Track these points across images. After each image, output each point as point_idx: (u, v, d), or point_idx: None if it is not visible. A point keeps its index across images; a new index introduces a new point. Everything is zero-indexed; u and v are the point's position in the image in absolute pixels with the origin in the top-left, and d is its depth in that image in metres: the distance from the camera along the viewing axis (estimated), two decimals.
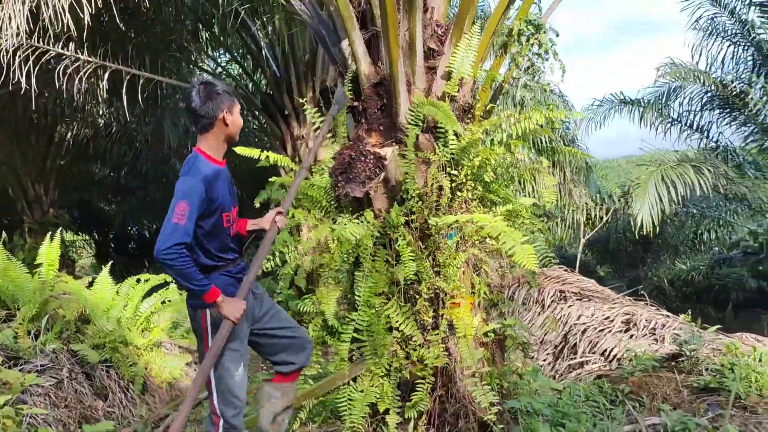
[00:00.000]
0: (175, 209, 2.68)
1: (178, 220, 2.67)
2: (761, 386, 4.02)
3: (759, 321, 11.98)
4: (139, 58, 8.09)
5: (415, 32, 3.98)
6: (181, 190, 2.74)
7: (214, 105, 2.89)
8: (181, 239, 2.67)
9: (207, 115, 2.89)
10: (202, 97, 2.88)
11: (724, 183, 10.07)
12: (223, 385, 2.93)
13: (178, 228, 2.67)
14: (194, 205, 2.72)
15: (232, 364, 2.95)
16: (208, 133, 2.94)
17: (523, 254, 3.24)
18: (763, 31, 11.28)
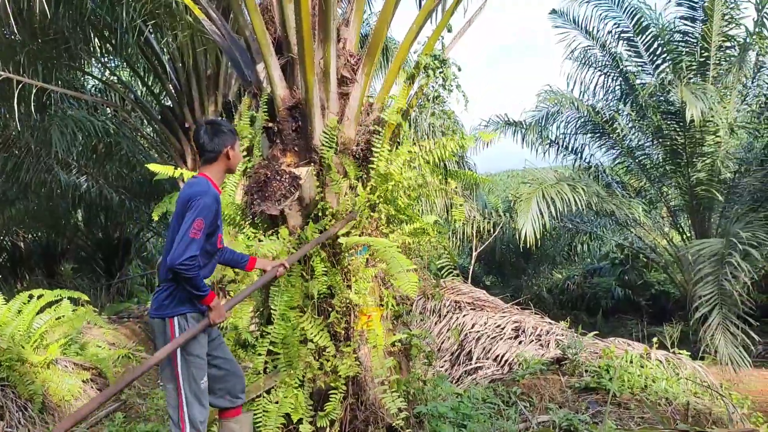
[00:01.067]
0: (193, 225, 2.96)
1: (194, 235, 2.96)
2: (633, 385, 4.57)
3: (625, 326, 13.13)
4: (31, 66, 7.80)
5: (329, 61, 4.22)
6: (200, 208, 2.99)
7: (220, 141, 3.24)
8: (195, 252, 2.96)
9: (213, 150, 3.24)
10: (210, 134, 3.24)
11: (596, 200, 10.98)
12: (192, 391, 3.12)
13: (195, 242, 2.96)
14: (207, 223, 3.00)
15: (197, 371, 3.16)
16: (212, 165, 3.27)
17: (405, 281, 3.56)
18: (630, 63, 12.43)
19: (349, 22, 4.51)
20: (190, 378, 3.14)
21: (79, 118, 10.60)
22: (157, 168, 4.55)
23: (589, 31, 12.63)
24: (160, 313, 3.16)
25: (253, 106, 4.59)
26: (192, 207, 3.00)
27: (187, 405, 3.12)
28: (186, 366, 3.14)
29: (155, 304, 3.20)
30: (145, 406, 5.71)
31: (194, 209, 2.99)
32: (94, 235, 15.98)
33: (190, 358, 3.14)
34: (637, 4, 11.71)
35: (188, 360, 3.14)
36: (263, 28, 4.15)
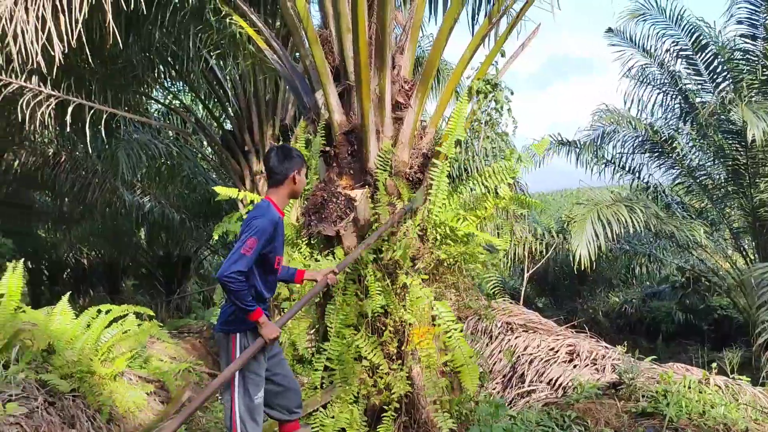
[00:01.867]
0: (247, 242, 3.11)
1: (245, 252, 3.10)
2: (691, 410, 4.49)
3: (686, 352, 12.73)
4: (101, 93, 8.23)
5: (384, 87, 4.37)
6: (254, 228, 3.15)
7: (288, 165, 3.40)
8: (243, 268, 3.09)
9: (282, 173, 3.39)
10: (279, 158, 3.41)
11: (655, 221, 10.76)
12: (245, 406, 3.26)
13: (244, 258, 3.09)
14: (261, 243, 3.15)
15: (253, 387, 3.29)
16: (278, 188, 3.42)
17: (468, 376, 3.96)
18: (689, 81, 12.20)
19: (403, 49, 4.65)
20: (245, 394, 3.28)
21: (144, 141, 11.08)
22: (221, 190, 4.77)
23: (646, 49, 12.46)
24: (224, 328, 3.34)
25: (310, 130, 4.77)
26: (249, 227, 3.17)
27: (240, 420, 3.25)
28: (242, 382, 3.27)
29: (221, 318, 3.38)
30: (206, 418, 5.91)
31: (251, 229, 3.16)
32: (155, 253, 16.55)
33: (247, 374, 3.28)
34: (696, 22, 11.52)
35: (245, 376, 3.28)
36: (323, 58, 4.34)
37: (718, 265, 12.59)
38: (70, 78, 7.56)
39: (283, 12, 4.82)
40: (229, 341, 3.31)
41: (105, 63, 8.22)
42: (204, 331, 9.40)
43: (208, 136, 10.14)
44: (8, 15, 5.50)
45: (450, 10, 4.70)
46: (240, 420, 3.26)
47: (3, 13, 5.56)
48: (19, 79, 7.16)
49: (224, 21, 5.62)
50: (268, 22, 7.21)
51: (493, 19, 4.90)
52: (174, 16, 6.99)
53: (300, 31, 4.61)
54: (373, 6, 4.40)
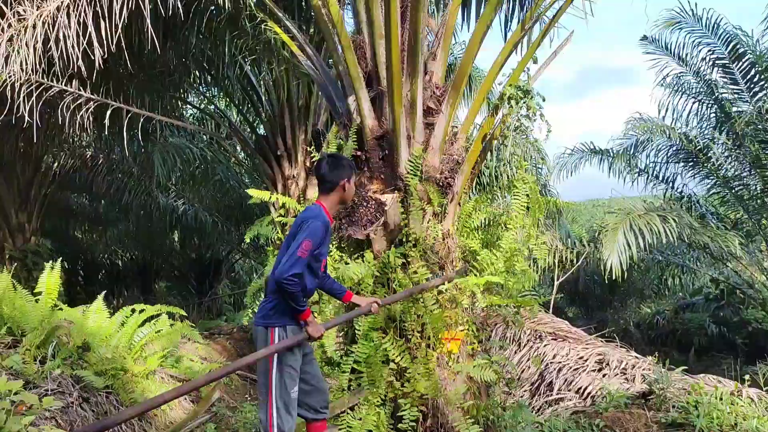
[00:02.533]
0: (302, 245, 3.21)
1: (301, 254, 3.20)
2: (722, 422, 4.42)
3: (719, 365, 12.46)
4: (139, 97, 8.43)
5: (416, 93, 4.41)
6: (310, 231, 3.25)
7: (338, 173, 3.48)
8: (299, 270, 3.20)
9: (332, 181, 3.47)
10: (330, 166, 3.49)
11: (688, 232, 10.60)
12: (282, 399, 3.33)
13: (300, 261, 3.20)
14: (315, 245, 3.25)
15: (290, 380, 3.37)
16: (329, 195, 3.50)
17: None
18: (725, 90, 12.01)
19: (435, 56, 4.69)
20: (282, 386, 3.35)
21: (179, 145, 11.31)
22: (254, 193, 4.85)
23: (681, 58, 12.29)
24: (264, 322, 3.42)
25: (342, 135, 4.83)
26: (303, 229, 3.27)
27: (276, 412, 3.32)
28: (280, 375, 3.35)
29: (261, 313, 3.46)
30: (235, 419, 5.98)
31: (305, 231, 3.25)
32: (188, 255, 16.81)
33: (284, 368, 3.36)
34: (733, 30, 11.34)
35: (283, 369, 3.36)
36: (355, 64, 4.40)
37: (754, 278, 12.33)
38: (109, 82, 7.75)
39: (317, 18, 4.89)
40: (268, 335, 3.39)
41: (143, 68, 8.41)
42: (234, 333, 9.52)
43: (241, 140, 10.29)
44: (51, 20, 5.66)
45: (483, 17, 4.73)
46: (276, 412, 3.33)
47: (46, 18, 5.73)
48: (59, 82, 7.36)
49: (259, 27, 5.71)
50: (302, 28, 7.31)
51: (526, 26, 4.91)
52: (210, 22, 7.13)
53: (333, 37, 4.68)
54: (406, 12, 4.45)
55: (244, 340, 9.15)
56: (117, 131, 8.64)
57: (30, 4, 5.75)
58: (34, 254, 11.81)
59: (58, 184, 12.85)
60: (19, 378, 4.68)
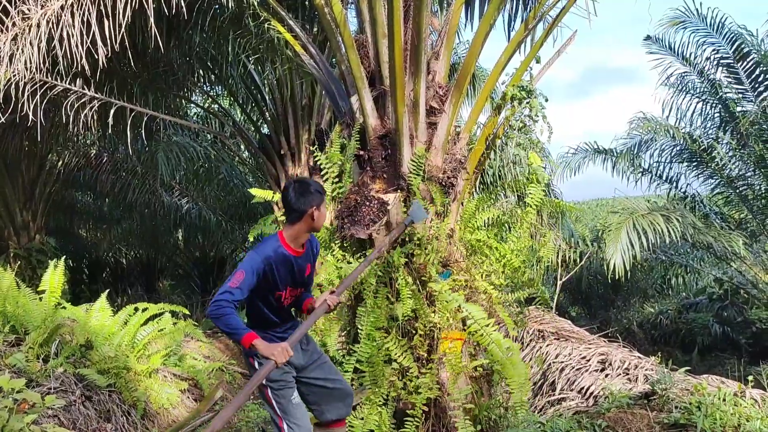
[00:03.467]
0: (234, 275, 3.10)
1: (232, 284, 3.08)
2: (725, 423, 4.41)
3: (723, 365, 12.44)
4: (143, 96, 8.45)
5: (419, 93, 4.41)
6: (245, 261, 3.15)
7: (306, 201, 3.24)
8: (226, 297, 3.04)
9: (298, 210, 3.24)
10: (297, 193, 3.26)
11: (692, 232, 10.58)
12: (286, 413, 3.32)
13: (230, 290, 3.06)
14: (248, 277, 3.10)
15: (285, 391, 3.34)
16: (295, 224, 3.28)
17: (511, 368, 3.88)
18: (730, 90, 11.97)
19: (438, 55, 4.68)
20: (281, 400, 3.33)
21: (183, 143, 11.32)
22: (257, 192, 4.86)
23: (685, 57, 12.26)
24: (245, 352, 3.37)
25: (345, 134, 4.83)
26: (243, 260, 3.19)
27: (286, 425, 3.31)
28: (273, 391, 3.33)
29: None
30: (237, 417, 6.00)
31: (243, 262, 3.17)
32: (192, 254, 16.82)
33: (272, 384, 3.32)
34: (738, 30, 11.30)
35: (272, 386, 3.32)
36: (358, 63, 4.39)
37: (758, 278, 12.29)
38: (113, 81, 7.78)
39: (321, 17, 4.89)
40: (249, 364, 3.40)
41: (146, 67, 8.44)
42: None
43: (245, 139, 10.31)
44: (55, 19, 5.67)
45: (486, 16, 4.73)
46: (286, 425, 3.32)
47: (50, 17, 5.74)
48: (64, 81, 7.38)
49: (263, 26, 5.72)
50: (306, 28, 7.32)
51: (529, 25, 4.90)
52: (214, 21, 7.14)
53: (336, 36, 4.68)
54: (409, 12, 4.45)
55: None
56: (121, 130, 8.66)
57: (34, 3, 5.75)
58: (38, 252, 11.85)
59: (62, 182, 12.90)
60: (22, 376, 4.71)
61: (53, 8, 5.74)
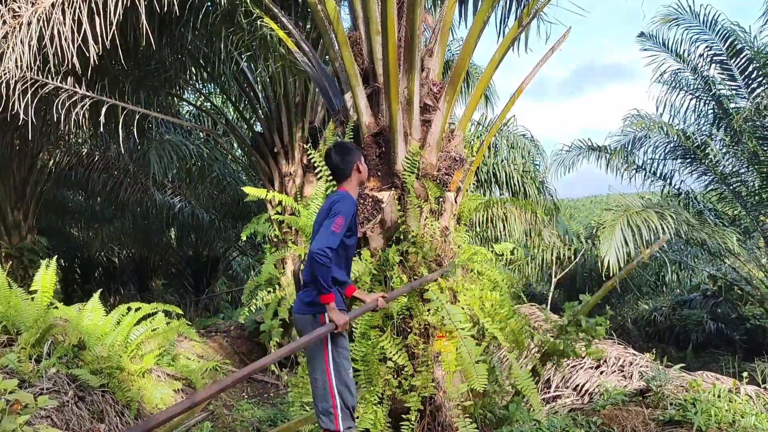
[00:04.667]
0: (336, 220, 3.29)
1: (335, 229, 3.28)
2: (720, 419, 4.41)
3: (717, 362, 12.48)
4: (134, 94, 8.38)
5: (413, 90, 4.38)
6: (341, 209, 3.36)
7: (350, 158, 3.58)
8: (334, 244, 3.25)
9: (347, 167, 3.57)
10: (340, 155, 3.59)
11: (686, 228, 10.59)
12: (341, 379, 3.37)
13: (335, 235, 3.27)
14: (347, 221, 3.32)
15: (346, 361, 3.42)
16: (347, 181, 3.59)
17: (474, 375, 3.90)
18: (723, 87, 11.99)
19: (432, 52, 4.65)
20: (340, 368, 3.38)
21: (175, 142, 11.25)
22: (250, 190, 4.82)
23: (679, 54, 12.26)
24: (311, 309, 3.42)
25: (338, 132, 4.80)
26: (335, 208, 3.34)
27: (338, 393, 3.36)
28: (336, 357, 3.38)
29: (305, 301, 3.45)
30: (232, 417, 5.97)
31: (337, 209, 3.33)
32: (185, 253, 16.76)
33: (339, 350, 3.40)
34: (731, 26, 11.32)
35: (339, 352, 3.40)
36: (352, 60, 4.36)
37: (752, 274, 12.32)
38: (104, 79, 7.72)
39: (314, 14, 4.86)
40: (318, 321, 3.40)
41: (138, 64, 8.37)
42: (231, 331, 9.50)
43: (238, 137, 10.25)
44: (46, 17, 5.62)
45: (479, 13, 4.70)
46: (338, 393, 3.36)
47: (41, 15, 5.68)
48: (54, 80, 7.31)
49: (255, 23, 5.68)
50: (299, 25, 7.28)
51: (522, 23, 4.89)
52: (206, 18, 7.08)
53: (330, 34, 4.65)
54: (402, 8, 4.42)
55: (241, 338, 9.12)
56: (113, 128, 8.60)
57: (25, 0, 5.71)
58: (30, 252, 11.76)
59: (53, 181, 12.80)
60: (14, 377, 4.66)
61: (44, 6, 5.68)
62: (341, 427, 3.34)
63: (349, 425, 3.39)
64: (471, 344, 4.07)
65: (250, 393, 7.49)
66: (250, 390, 7.61)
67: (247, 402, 6.90)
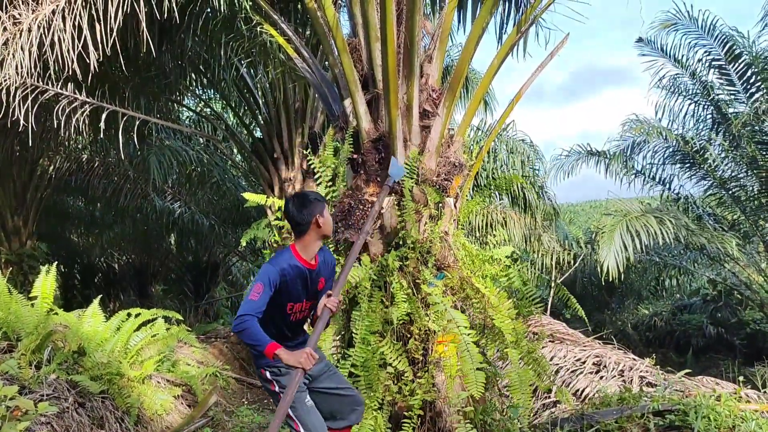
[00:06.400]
0: (253, 288, 3.18)
1: (252, 297, 3.16)
2: (719, 425, 4.41)
3: (717, 366, 12.48)
4: (135, 100, 8.41)
5: (412, 95, 4.39)
6: (261, 273, 3.24)
7: (308, 212, 3.33)
8: (249, 311, 3.13)
9: (303, 222, 3.33)
10: (297, 207, 3.35)
11: (685, 233, 10.60)
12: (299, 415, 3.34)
13: (251, 303, 3.14)
14: (266, 288, 3.18)
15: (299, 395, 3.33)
16: (304, 236, 3.36)
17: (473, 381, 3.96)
18: (722, 92, 12.02)
19: (432, 58, 4.67)
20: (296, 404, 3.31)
21: (175, 147, 11.29)
22: (250, 196, 4.83)
23: (677, 59, 12.30)
24: (257, 364, 3.46)
25: (338, 137, 4.81)
26: (259, 273, 3.26)
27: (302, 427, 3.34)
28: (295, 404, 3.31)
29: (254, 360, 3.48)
30: (231, 423, 5.97)
31: (258, 274, 3.25)
32: (185, 258, 16.76)
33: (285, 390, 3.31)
34: (729, 31, 11.36)
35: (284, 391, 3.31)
36: (351, 66, 4.38)
37: (751, 279, 12.33)
38: (105, 85, 7.73)
39: (313, 21, 4.88)
40: (262, 376, 3.43)
41: (138, 71, 8.40)
42: (231, 337, 9.50)
43: (238, 143, 10.29)
44: (46, 23, 5.62)
45: (478, 19, 4.72)
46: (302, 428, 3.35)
47: (41, 21, 5.69)
48: (55, 86, 7.31)
49: (255, 30, 5.70)
50: (298, 31, 7.29)
51: (521, 29, 4.90)
52: (206, 24, 7.12)
53: (329, 40, 4.67)
54: (402, 15, 4.43)
55: (241, 344, 9.12)
56: (113, 134, 8.62)
57: (26, 7, 5.71)
58: (29, 258, 11.77)
59: (54, 187, 12.82)
60: (14, 383, 4.66)
61: (45, 12, 5.69)
62: None
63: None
64: (474, 350, 4.09)
65: (249, 399, 7.49)
66: (249, 396, 7.61)
67: (247, 408, 6.90)
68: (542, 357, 4.74)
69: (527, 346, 4.54)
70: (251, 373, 8.64)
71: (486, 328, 4.55)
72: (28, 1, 5.44)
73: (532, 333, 7.01)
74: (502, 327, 4.30)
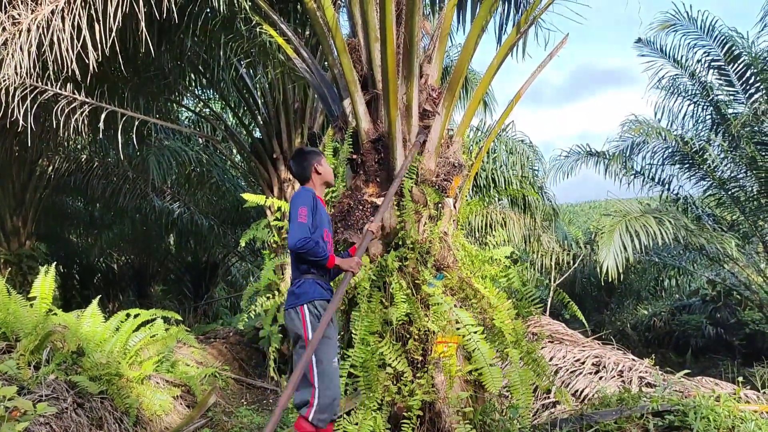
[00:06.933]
0: (298, 211, 3.49)
1: (301, 219, 3.47)
2: (719, 425, 4.40)
3: (716, 367, 12.47)
4: (134, 100, 8.41)
5: (412, 96, 4.39)
6: (298, 200, 3.58)
7: (306, 164, 3.80)
8: (306, 233, 3.45)
9: (304, 171, 3.80)
10: (296, 162, 3.84)
11: (684, 234, 10.60)
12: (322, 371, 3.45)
13: (303, 225, 3.46)
14: (309, 207, 3.54)
15: (330, 350, 3.51)
16: (309, 182, 3.80)
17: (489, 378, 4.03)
18: (721, 92, 12.01)
19: (431, 58, 4.67)
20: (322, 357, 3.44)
21: (174, 148, 11.28)
22: (249, 197, 4.82)
23: (677, 60, 12.30)
24: (291, 304, 3.59)
25: (337, 138, 4.81)
26: (293, 203, 3.52)
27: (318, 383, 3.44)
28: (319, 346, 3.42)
29: (288, 300, 3.63)
30: (231, 423, 5.96)
31: (294, 204, 3.50)
32: (184, 259, 16.75)
33: (325, 340, 3.46)
34: (728, 32, 11.35)
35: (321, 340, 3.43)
36: (351, 66, 4.38)
37: (751, 279, 12.32)
38: (104, 85, 7.73)
39: (312, 21, 4.88)
40: (299, 314, 3.54)
41: (137, 71, 8.39)
42: (230, 337, 9.49)
43: (237, 143, 10.28)
44: (45, 24, 5.61)
45: (477, 19, 4.72)
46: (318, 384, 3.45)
47: (40, 21, 5.68)
48: (54, 86, 7.30)
49: (254, 30, 5.70)
50: (298, 31, 7.30)
51: (521, 29, 4.90)
52: (205, 25, 7.11)
53: (329, 40, 4.66)
54: (401, 15, 4.44)
55: (240, 344, 9.12)
56: (112, 134, 8.63)
57: (25, 7, 5.70)
58: (29, 258, 11.77)
59: (53, 187, 12.82)
60: (13, 383, 4.66)
61: (44, 13, 5.67)
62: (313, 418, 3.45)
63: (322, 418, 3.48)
64: (484, 347, 4.11)
65: (249, 399, 7.49)
66: (249, 396, 7.61)
67: (246, 408, 6.89)
68: (542, 357, 4.74)
69: (527, 346, 4.54)
70: (250, 374, 8.64)
71: (486, 329, 4.54)
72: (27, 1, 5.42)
73: (531, 333, 7.03)
74: (502, 327, 4.30)
